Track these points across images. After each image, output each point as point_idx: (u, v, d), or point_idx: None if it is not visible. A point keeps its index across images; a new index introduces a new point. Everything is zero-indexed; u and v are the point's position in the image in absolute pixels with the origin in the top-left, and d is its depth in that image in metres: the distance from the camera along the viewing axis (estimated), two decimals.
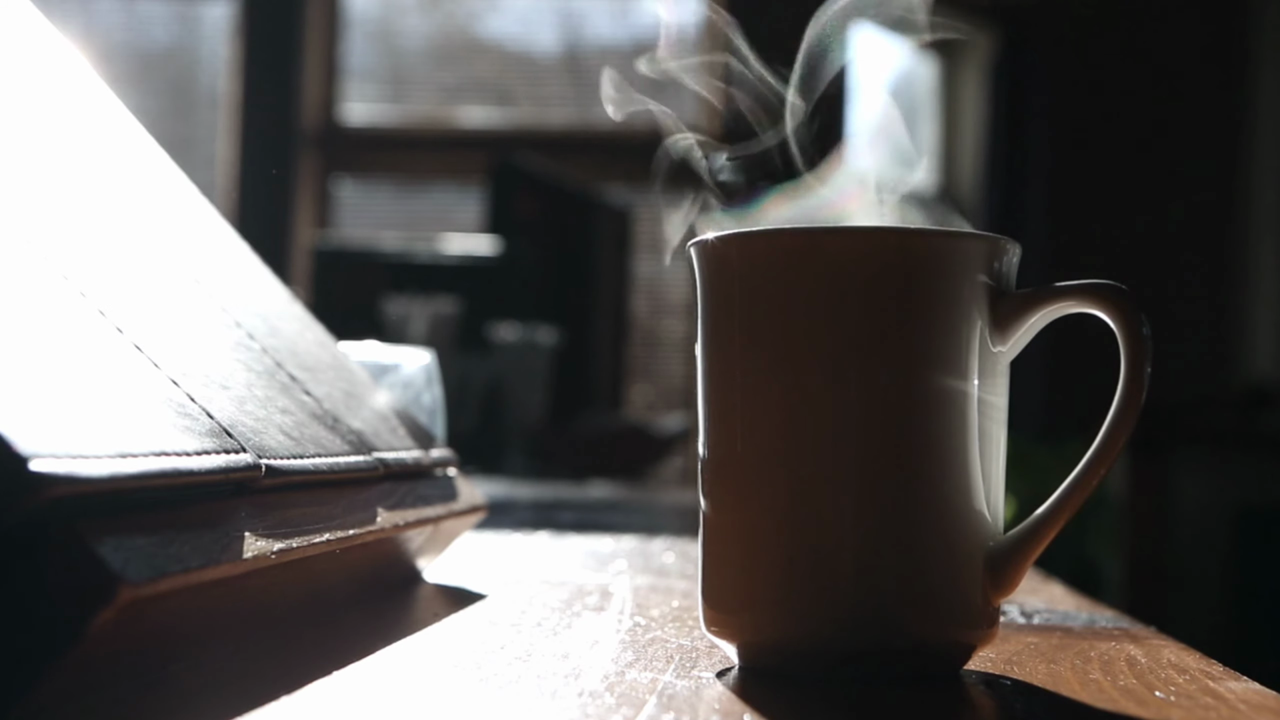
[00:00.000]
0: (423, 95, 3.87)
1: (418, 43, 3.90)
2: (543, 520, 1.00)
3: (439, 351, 0.88)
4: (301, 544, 0.42)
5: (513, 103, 3.87)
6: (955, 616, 0.42)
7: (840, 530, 0.41)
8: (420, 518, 0.56)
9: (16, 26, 0.55)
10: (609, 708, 0.36)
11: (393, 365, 0.75)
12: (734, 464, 0.43)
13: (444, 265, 2.44)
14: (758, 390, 0.42)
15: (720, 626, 0.43)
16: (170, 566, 0.34)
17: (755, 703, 0.38)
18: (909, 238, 0.42)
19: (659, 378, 3.73)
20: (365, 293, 2.18)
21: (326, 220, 3.79)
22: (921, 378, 0.41)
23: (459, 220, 3.60)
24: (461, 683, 0.39)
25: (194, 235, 0.59)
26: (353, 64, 3.86)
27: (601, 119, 3.84)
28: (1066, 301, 0.42)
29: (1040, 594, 0.64)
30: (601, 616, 0.52)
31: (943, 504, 0.41)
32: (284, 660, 0.41)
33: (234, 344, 0.52)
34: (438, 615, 0.51)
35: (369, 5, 3.90)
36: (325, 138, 3.78)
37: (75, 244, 0.45)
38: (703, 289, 0.44)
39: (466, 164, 3.60)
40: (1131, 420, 0.41)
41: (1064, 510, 0.42)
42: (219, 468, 0.39)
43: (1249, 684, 0.42)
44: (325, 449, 0.49)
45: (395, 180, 3.87)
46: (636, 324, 3.51)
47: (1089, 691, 0.40)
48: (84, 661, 0.31)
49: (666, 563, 0.73)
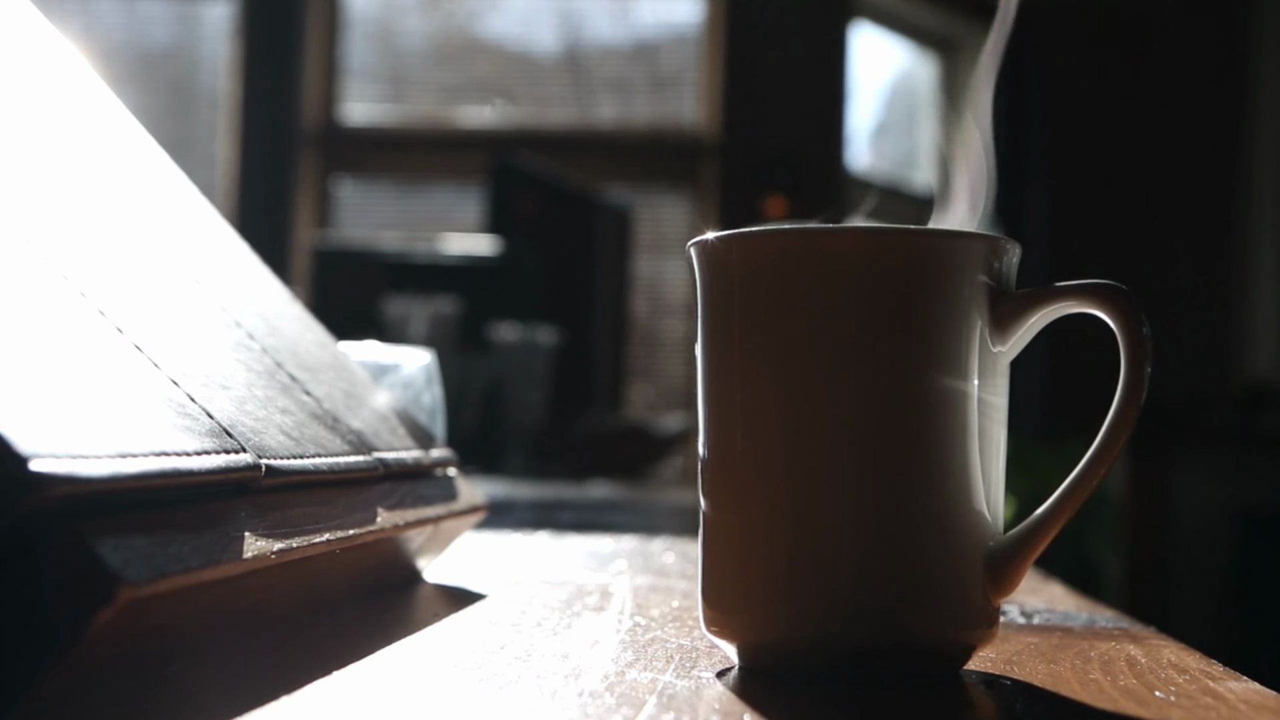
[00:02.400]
0: (423, 95, 3.87)
1: (418, 43, 3.90)
2: (543, 520, 1.00)
3: (439, 351, 0.88)
4: (301, 544, 0.42)
5: (513, 103, 3.87)
6: (955, 616, 0.42)
7: (840, 530, 0.41)
8: (420, 518, 0.56)
9: (16, 26, 0.55)
10: (609, 708, 0.36)
11: (393, 365, 0.75)
12: (734, 464, 0.43)
13: (444, 265, 2.44)
14: (758, 390, 0.42)
15: (720, 626, 0.43)
16: (170, 566, 0.34)
17: (755, 703, 0.38)
18: (909, 238, 0.42)
19: (659, 378, 3.73)
20: (365, 293, 2.18)
21: (326, 220, 3.79)
22: (921, 378, 0.41)
23: (459, 220, 3.60)
24: (461, 683, 0.39)
25: (194, 235, 0.59)
26: (353, 64, 3.86)
27: (601, 119, 3.84)
28: (1066, 301, 0.42)
29: (1040, 594, 0.64)
30: (601, 616, 0.52)
31: (943, 504, 0.41)
32: (284, 660, 0.41)
33: (234, 344, 0.52)
34: (438, 615, 0.51)
35: (369, 5, 3.90)
36: (325, 138, 3.78)
37: (75, 244, 0.45)
38: (703, 289, 0.44)
39: (466, 164, 3.60)
40: (1131, 420, 0.41)
41: (1064, 510, 0.42)
42: (219, 468, 0.39)
43: (1249, 684, 0.42)
44: (325, 449, 0.50)
45: (395, 180, 3.87)
46: (636, 324, 3.51)
47: (1089, 691, 0.40)
48: (84, 661, 0.31)
49: (666, 563, 0.73)
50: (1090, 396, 0.57)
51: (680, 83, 3.84)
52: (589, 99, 3.85)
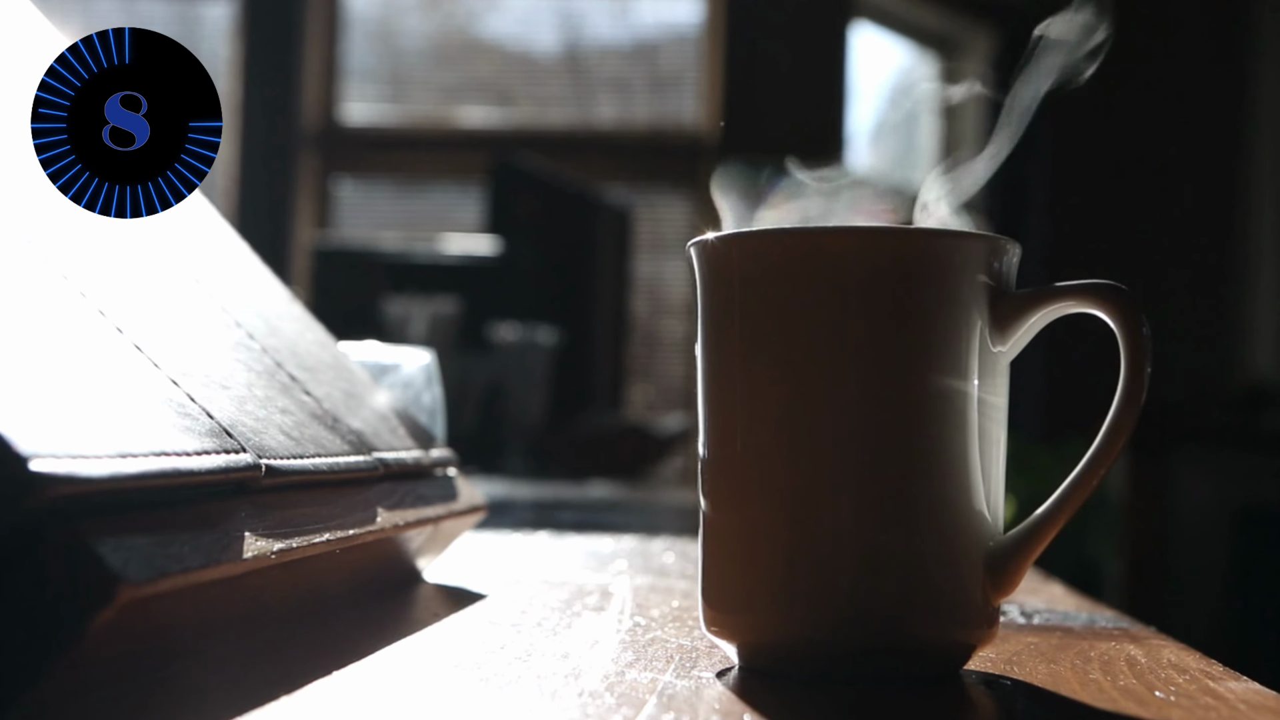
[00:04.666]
0: (423, 95, 3.87)
1: (418, 43, 3.90)
2: (543, 520, 1.00)
3: (439, 351, 0.88)
4: (301, 544, 0.42)
5: (513, 103, 3.87)
6: (955, 616, 0.42)
7: (840, 530, 0.41)
8: (420, 518, 0.56)
9: (16, 26, 0.55)
10: (609, 708, 0.36)
11: (393, 365, 0.75)
12: (734, 464, 0.43)
13: (444, 265, 2.44)
14: (758, 390, 0.42)
15: (720, 626, 0.43)
16: (170, 566, 0.34)
17: (755, 703, 0.38)
18: (909, 238, 0.42)
19: (659, 378, 3.73)
20: (365, 293, 2.18)
21: (326, 220, 3.79)
22: (921, 378, 0.41)
23: (459, 220, 3.60)
24: (461, 683, 0.39)
25: (194, 235, 0.59)
26: (353, 64, 3.86)
27: (601, 119, 3.84)
28: (1066, 301, 0.42)
29: (1040, 594, 0.64)
30: (601, 616, 0.52)
31: (943, 504, 0.41)
32: (284, 660, 0.41)
33: (234, 344, 0.52)
34: (438, 615, 0.51)
35: (369, 5, 3.89)
36: (325, 138, 3.78)
37: (75, 244, 0.45)
38: (703, 289, 0.44)
39: (466, 164, 3.60)
40: (1131, 420, 0.41)
41: (1064, 510, 0.42)
42: (219, 468, 0.39)
43: (1249, 684, 0.42)
44: (325, 449, 0.49)
45: (395, 180, 3.87)
46: (636, 324, 3.51)
47: (1089, 691, 0.40)
48: (84, 661, 0.31)
49: (666, 563, 0.73)
50: (1090, 396, 0.57)
51: (680, 83, 3.84)
52: (589, 99, 3.85)
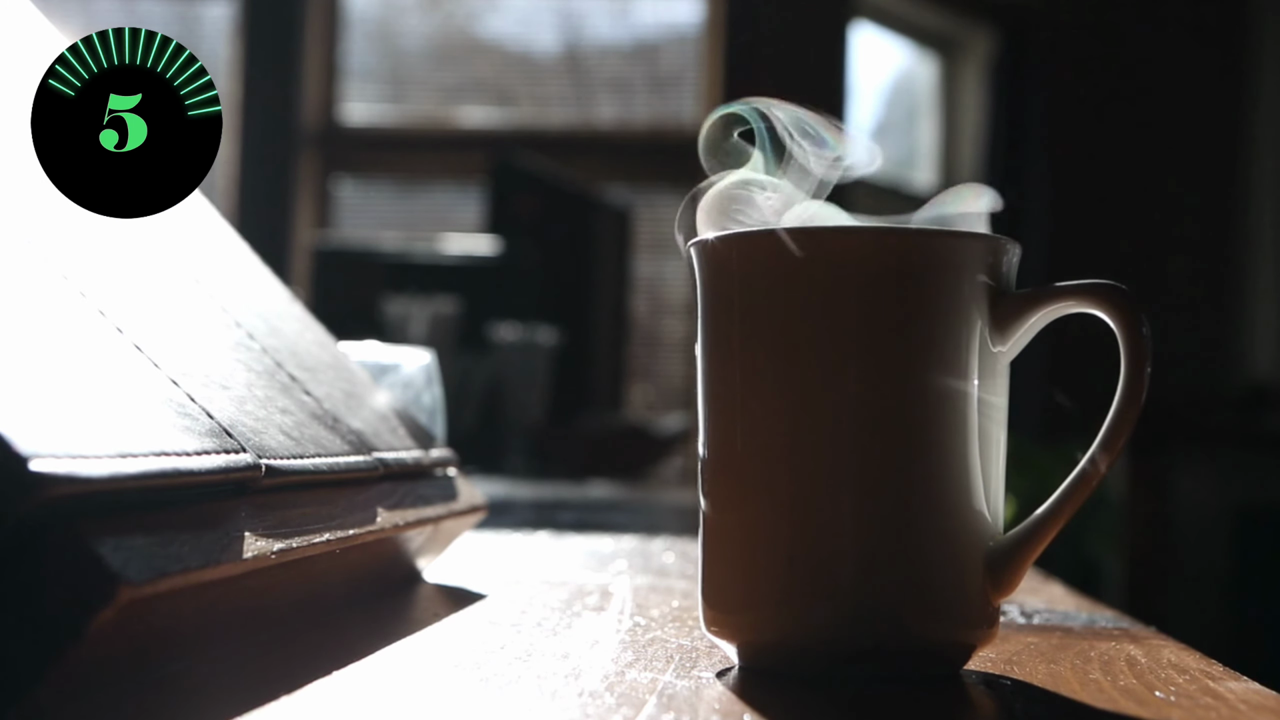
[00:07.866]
0: (423, 95, 3.87)
1: (418, 43, 3.90)
2: (543, 520, 1.00)
3: (439, 351, 0.88)
4: (301, 544, 0.42)
5: (513, 103, 3.87)
6: (955, 616, 0.42)
7: (840, 530, 0.41)
8: (420, 518, 0.56)
9: (16, 26, 0.55)
10: (609, 708, 0.36)
11: (393, 365, 0.75)
12: (734, 464, 0.43)
13: (444, 265, 2.43)
14: (758, 390, 0.42)
15: (720, 626, 0.43)
16: (170, 566, 0.34)
17: (755, 703, 0.38)
18: (909, 238, 0.42)
19: (659, 378, 3.73)
20: (365, 293, 2.18)
21: (326, 220, 3.79)
22: (921, 378, 0.41)
23: (459, 220, 3.60)
24: (461, 683, 0.39)
25: (194, 235, 0.59)
26: (353, 64, 3.86)
27: (601, 119, 3.84)
28: (1066, 301, 0.42)
29: (1040, 594, 0.64)
30: (601, 616, 0.52)
31: (943, 504, 0.41)
32: (284, 660, 0.41)
33: (234, 344, 0.52)
34: (438, 615, 0.51)
35: (369, 5, 3.89)
36: (325, 138, 3.78)
37: (75, 244, 0.45)
38: (703, 289, 0.44)
39: (466, 164, 3.60)
40: (1131, 420, 0.41)
41: (1064, 510, 0.42)
42: (219, 468, 0.39)
43: (1249, 684, 0.42)
44: (325, 449, 0.49)
45: (395, 180, 3.87)
46: (636, 324, 3.51)
47: (1089, 691, 0.40)
48: (84, 661, 0.31)
49: (666, 563, 0.73)
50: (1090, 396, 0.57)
51: (680, 83, 3.84)
52: (589, 99, 3.85)
